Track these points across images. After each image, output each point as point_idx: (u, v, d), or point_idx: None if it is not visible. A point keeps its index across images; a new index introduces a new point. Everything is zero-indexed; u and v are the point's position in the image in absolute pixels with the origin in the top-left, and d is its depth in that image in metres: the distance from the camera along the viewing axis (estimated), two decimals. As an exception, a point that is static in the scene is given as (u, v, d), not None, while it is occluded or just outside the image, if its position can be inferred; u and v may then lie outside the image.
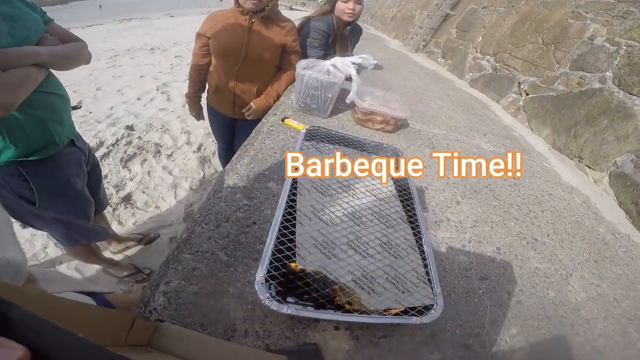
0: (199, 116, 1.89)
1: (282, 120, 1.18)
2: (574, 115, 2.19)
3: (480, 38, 4.01)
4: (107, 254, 1.69)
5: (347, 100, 1.29)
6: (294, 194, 0.67)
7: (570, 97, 2.31)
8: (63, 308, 0.33)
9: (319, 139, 0.89)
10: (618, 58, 2.17)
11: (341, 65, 1.25)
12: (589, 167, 1.91)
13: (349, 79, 1.28)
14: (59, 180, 1.03)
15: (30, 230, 1.70)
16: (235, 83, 1.54)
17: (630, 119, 1.84)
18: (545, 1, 3.27)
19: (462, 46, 4.38)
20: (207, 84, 1.71)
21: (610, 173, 1.78)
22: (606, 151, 1.86)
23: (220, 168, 2.38)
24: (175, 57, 5.41)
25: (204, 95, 1.79)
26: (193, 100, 1.78)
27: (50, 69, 0.93)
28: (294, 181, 0.70)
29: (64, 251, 1.52)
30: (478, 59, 3.80)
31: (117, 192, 2.08)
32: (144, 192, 2.15)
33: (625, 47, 2.17)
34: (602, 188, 1.75)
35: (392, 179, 0.84)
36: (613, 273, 0.99)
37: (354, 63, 1.30)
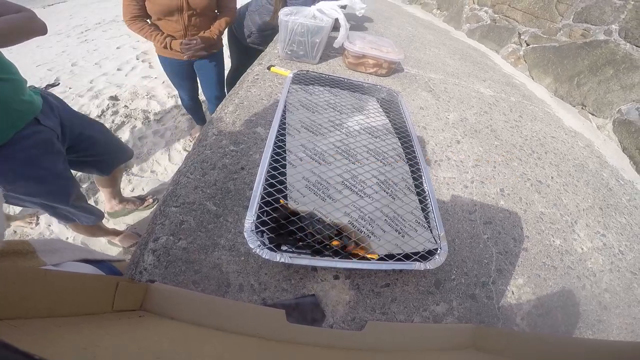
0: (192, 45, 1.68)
1: (268, 68, 1.07)
2: (577, 65, 2.11)
3: None
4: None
5: (336, 45, 1.17)
6: (283, 135, 0.59)
7: (573, 48, 2.21)
8: (32, 278, 0.29)
9: (308, 82, 0.79)
10: (625, 12, 2.04)
11: (327, 9, 1.12)
12: (592, 114, 1.85)
13: (337, 29, 1.17)
14: (19, 164, 0.93)
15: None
16: (186, 32, 1.56)
17: (637, 70, 1.76)
18: None
19: None
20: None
21: (614, 120, 1.73)
22: (610, 99, 1.80)
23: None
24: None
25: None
26: (168, 38, 1.57)
27: None
28: (283, 122, 0.61)
29: (67, 227, 1.47)
30: (475, 10, 3.55)
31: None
32: (137, 158, 2.08)
33: (633, 2, 2.03)
34: (606, 134, 1.69)
35: (388, 116, 0.76)
36: (618, 222, 0.93)
37: (341, 7, 1.16)
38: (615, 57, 1.96)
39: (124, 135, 2.24)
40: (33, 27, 0.88)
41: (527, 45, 2.62)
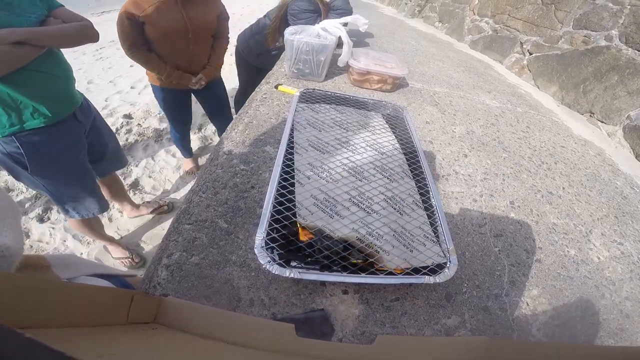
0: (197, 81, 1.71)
1: (276, 87, 1.11)
2: (582, 72, 2.10)
3: (477, 1, 3.78)
4: (123, 219, 1.81)
5: (340, 63, 1.21)
6: (291, 154, 0.61)
7: (576, 55, 2.21)
8: (52, 289, 0.31)
9: (314, 101, 0.82)
10: (623, 17, 2.05)
11: (331, 27, 1.16)
12: (601, 122, 1.83)
13: (341, 46, 1.21)
14: (49, 151, 1.08)
15: (47, 224, 1.75)
16: (191, 60, 1.59)
17: None
18: None
19: (458, 9, 4.14)
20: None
21: (624, 126, 1.71)
22: (618, 105, 1.78)
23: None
24: None
25: (145, 78, 1.73)
26: (175, 73, 1.58)
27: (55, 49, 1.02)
28: (291, 141, 0.64)
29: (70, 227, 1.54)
30: (476, 21, 3.59)
31: (124, 179, 2.05)
32: (150, 177, 2.14)
33: (629, 7, 2.04)
34: (617, 141, 1.67)
35: (394, 132, 0.77)
36: (635, 230, 0.92)
37: (343, 24, 1.21)
38: (618, 63, 1.95)
39: (137, 153, 2.31)
40: (89, 35, 1.08)
41: (530, 54, 2.62)
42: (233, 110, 2.18)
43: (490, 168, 1.01)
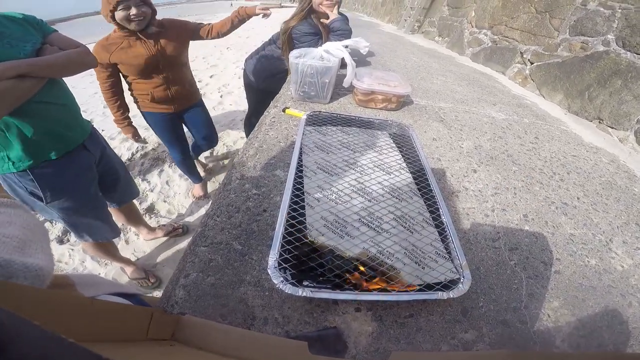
0: (136, 137, 1.86)
1: (283, 110, 1.15)
2: (585, 78, 2.10)
3: (473, 13, 3.85)
4: (139, 242, 1.87)
5: (345, 84, 1.25)
6: (301, 177, 0.64)
7: (577, 62, 2.22)
8: (80, 305, 0.33)
9: (321, 123, 0.85)
10: (616, 21, 2.07)
11: (333, 50, 1.21)
12: (611, 127, 1.82)
13: (344, 66, 1.25)
14: (63, 182, 1.10)
15: (67, 245, 1.83)
16: (168, 85, 1.68)
17: None
18: None
19: (456, 23, 4.22)
20: (135, 97, 1.73)
21: (635, 131, 1.70)
22: (626, 110, 1.77)
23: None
24: None
25: (131, 109, 1.79)
26: (124, 123, 1.75)
27: (57, 78, 1.02)
28: (299, 164, 0.67)
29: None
30: (475, 33, 3.66)
31: (140, 203, 2.12)
32: (165, 201, 2.21)
33: (620, 10, 2.07)
34: (630, 146, 1.65)
35: (401, 150, 0.80)
36: None
37: (346, 47, 1.26)
38: (619, 68, 1.95)
39: (153, 179, 2.38)
40: (86, 61, 1.07)
41: (532, 63, 2.64)
42: (243, 131, 2.24)
43: (500, 182, 1.01)
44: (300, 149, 0.70)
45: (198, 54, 6.30)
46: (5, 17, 0.99)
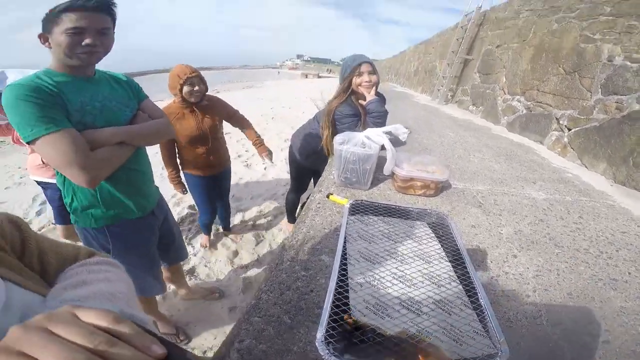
0: (185, 192, 2.21)
1: (327, 196, 1.28)
2: (626, 142, 2.05)
3: (504, 78, 4.00)
4: (176, 299, 2.01)
5: (385, 172, 1.37)
6: (345, 264, 0.74)
7: (614, 124, 2.19)
8: None
9: (363, 212, 0.96)
10: None
11: (374, 136, 1.35)
12: None
13: (383, 148, 1.36)
14: (132, 242, 1.24)
15: None
16: (209, 155, 2.04)
17: None
18: (552, 29, 3.26)
19: (489, 90, 4.40)
20: (180, 163, 2.09)
21: None
22: None
23: (273, 243, 2.54)
24: (225, 134, 5.74)
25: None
26: (177, 181, 2.12)
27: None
28: (344, 252, 0.77)
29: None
30: (508, 100, 3.77)
31: (182, 264, 2.27)
32: (206, 266, 2.37)
33: None
34: None
35: (440, 239, 0.87)
36: None
37: (386, 133, 1.39)
38: None
39: (197, 244, 2.58)
40: (166, 132, 1.22)
41: (569, 129, 2.61)
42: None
43: (542, 265, 1.04)
44: (345, 237, 0.81)
45: None
46: (114, 78, 1.17)
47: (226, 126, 2.24)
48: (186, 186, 2.19)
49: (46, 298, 0.42)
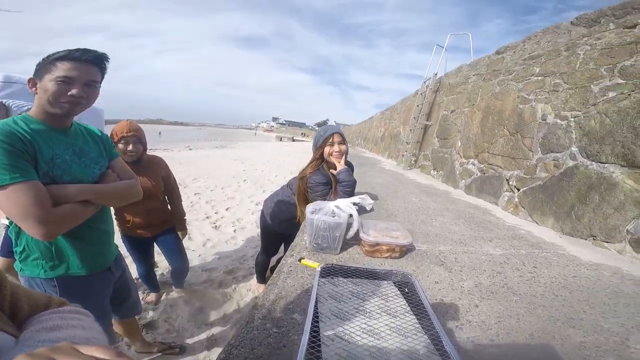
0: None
1: (299, 260, 1.36)
2: (567, 198, 2.28)
3: (459, 143, 4.35)
4: (130, 353, 1.90)
5: (348, 237, 1.50)
6: (317, 322, 0.81)
7: (555, 182, 2.44)
8: None
9: (333, 274, 1.06)
10: (573, 131, 2.37)
11: (343, 206, 1.50)
12: (607, 242, 1.93)
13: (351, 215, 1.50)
14: (82, 295, 1.18)
15: None
16: (147, 213, 2.04)
17: (615, 187, 1.95)
18: (495, 92, 3.68)
19: (447, 154, 4.73)
20: (115, 220, 2.02)
21: (629, 240, 1.81)
22: (613, 223, 1.91)
23: (241, 302, 2.47)
24: (195, 194, 5.80)
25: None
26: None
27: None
28: (315, 311, 0.84)
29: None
30: (464, 164, 4.06)
31: (139, 319, 2.14)
32: (165, 321, 2.28)
33: (572, 119, 2.40)
34: (630, 255, 1.76)
35: (405, 297, 0.97)
36: None
37: (354, 203, 1.56)
38: (591, 181, 2.13)
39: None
40: (133, 193, 1.24)
41: (518, 190, 2.86)
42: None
43: (503, 312, 1.13)
44: (316, 298, 0.89)
45: (218, 183, 7.08)
46: (89, 132, 1.19)
47: (197, 187, 2.32)
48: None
49: (19, 339, 0.43)
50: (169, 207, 2.29)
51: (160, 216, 2.16)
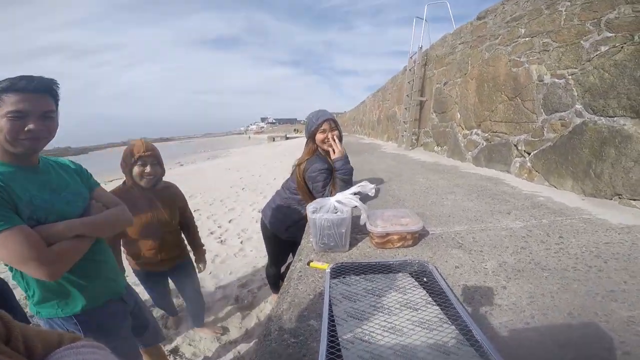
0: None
1: (308, 264, 1.34)
2: (581, 155, 2.24)
3: (458, 114, 4.32)
4: None
5: (361, 222, 1.47)
6: (333, 325, 0.79)
7: (565, 141, 2.41)
8: None
9: (344, 274, 1.03)
10: (573, 89, 2.34)
11: (345, 199, 1.46)
12: (634, 199, 1.88)
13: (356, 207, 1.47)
14: (103, 328, 1.22)
15: None
16: (161, 246, 1.91)
17: (630, 139, 1.92)
18: (485, 59, 3.64)
19: (448, 128, 4.70)
20: (129, 256, 1.95)
21: None
22: (637, 177, 1.86)
23: (261, 315, 2.47)
24: (195, 211, 5.60)
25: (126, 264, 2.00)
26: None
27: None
28: (331, 314, 0.82)
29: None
30: (467, 135, 4.03)
31: (164, 345, 2.19)
32: (190, 345, 2.34)
33: (570, 77, 2.38)
34: None
35: (424, 286, 0.94)
36: None
37: (355, 194, 1.51)
38: (603, 136, 2.10)
39: (181, 327, 2.54)
40: (123, 221, 1.26)
41: (528, 154, 2.82)
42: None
43: (534, 291, 1.08)
44: (330, 301, 0.87)
45: (215, 196, 7.11)
46: (60, 165, 1.18)
47: (195, 204, 2.32)
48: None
49: None
50: (183, 238, 2.18)
51: (175, 251, 2.06)
